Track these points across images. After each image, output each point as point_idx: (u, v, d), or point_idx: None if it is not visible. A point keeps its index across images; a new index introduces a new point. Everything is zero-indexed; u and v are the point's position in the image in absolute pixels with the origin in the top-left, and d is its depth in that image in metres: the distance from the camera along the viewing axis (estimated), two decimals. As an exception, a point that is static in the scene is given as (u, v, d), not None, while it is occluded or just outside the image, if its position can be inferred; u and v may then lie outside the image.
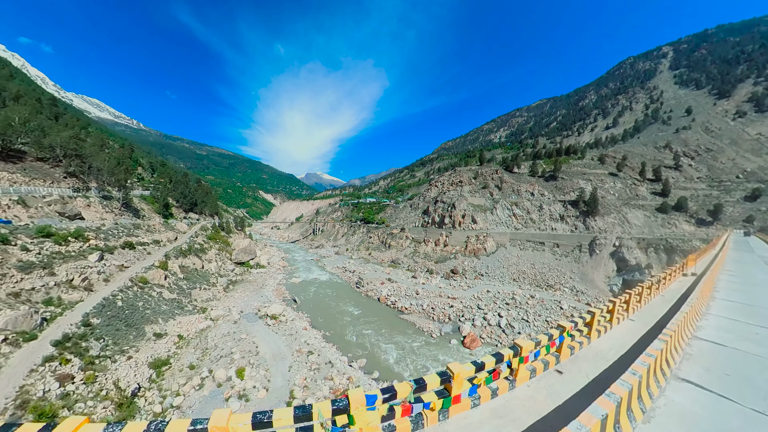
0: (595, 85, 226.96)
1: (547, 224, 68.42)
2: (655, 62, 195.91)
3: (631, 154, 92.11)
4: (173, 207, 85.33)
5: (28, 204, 47.99)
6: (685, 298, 10.57)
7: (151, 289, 41.23)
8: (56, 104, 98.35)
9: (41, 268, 31.02)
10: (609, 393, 3.76)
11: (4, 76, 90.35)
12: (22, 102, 78.34)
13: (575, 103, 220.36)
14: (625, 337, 8.33)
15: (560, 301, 41.93)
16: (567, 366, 6.62)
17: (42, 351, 21.92)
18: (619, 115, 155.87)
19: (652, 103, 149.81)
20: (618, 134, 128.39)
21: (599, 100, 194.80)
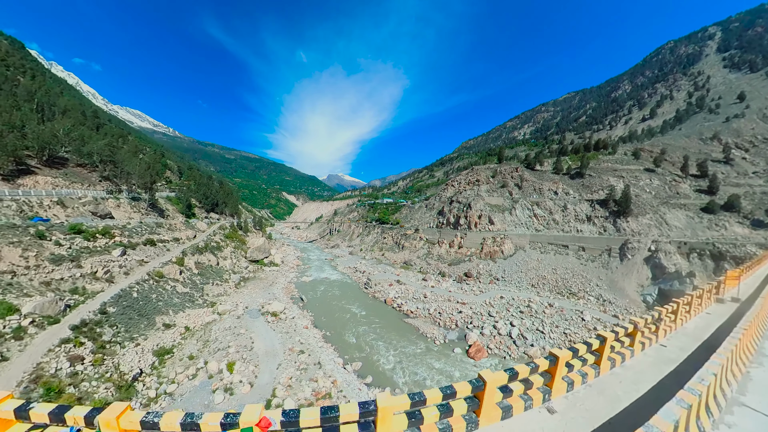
0: (630, 74, 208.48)
1: (572, 225, 62.64)
2: (700, 45, 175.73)
3: (671, 148, 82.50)
4: (196, 207, 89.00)
5: (66, 204, 51.75)
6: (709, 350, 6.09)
7: (166, 282, 43.22)
8: (98, 116, 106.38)
9: (70, 260, 34.20)
10: None
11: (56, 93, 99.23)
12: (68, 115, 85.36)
13: (607, 94, 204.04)
14: None
15: (583, 311, 37.37)
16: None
17: (61, 334, 23.94)
18: (657, 105, 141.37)
19: (697, 91, 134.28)
20: (656, 126, 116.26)
21: (634, 90, 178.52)
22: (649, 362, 7.17)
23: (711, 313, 11.03)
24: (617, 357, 6.28)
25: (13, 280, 27.46)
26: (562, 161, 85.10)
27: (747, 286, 13.34)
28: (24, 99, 76.63)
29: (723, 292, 11.87)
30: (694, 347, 8.28)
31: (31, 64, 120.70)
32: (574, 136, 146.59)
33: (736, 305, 11.05)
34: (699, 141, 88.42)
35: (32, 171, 57.61)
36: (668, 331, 9.24)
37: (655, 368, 6.92)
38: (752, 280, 14.82)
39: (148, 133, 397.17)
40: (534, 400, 5.20)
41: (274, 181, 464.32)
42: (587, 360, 6.12)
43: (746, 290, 12.72)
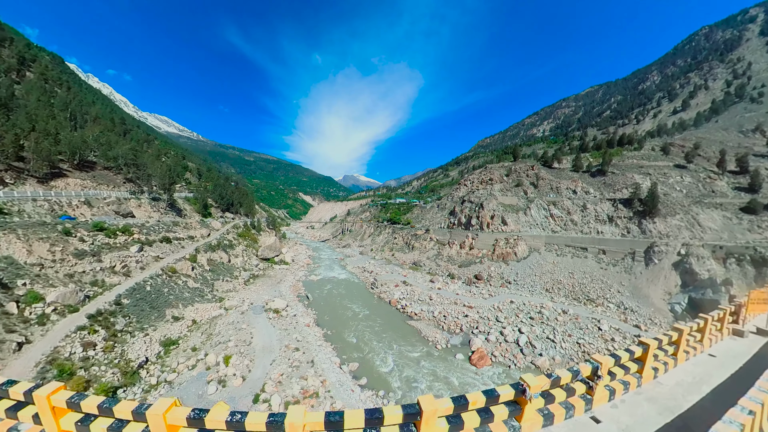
0: (659, 64, 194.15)
1: (592, 226, 58.51)
2: (740, 29, 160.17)
3: (705, 141, 75.46)
4: (212, 207, 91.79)
5: (92, 204, 54.91)
6: None
7: (178, 277, 44.97)
8: (125, 123, 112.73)
9: (92, 255, 36.82)
10: None
11: (89, 102, 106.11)
12: (98, 123, 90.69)
13: (634, 86, 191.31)
14: None
15: (600, 319, 34.25)
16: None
17: (78, 321, 25.99)
18: (690, 96, 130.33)
19: (736, 79, 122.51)
20: (689, 119, 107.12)
21: (664, 80, 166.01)
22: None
23: (716, 356, 9.06)
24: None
25: (41, 272, 29.85)
26: (582, 158, 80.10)
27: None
28: (60, 109, 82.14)
29: (744, 319, 8.93)
30: (749, 356, 7.51)
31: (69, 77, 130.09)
32: (597, 132, 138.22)
33: (765, 341, 8.53)
34: (738, 134, 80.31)
35: (64, 174, 61.33)
36: (714, 340, 8.43)
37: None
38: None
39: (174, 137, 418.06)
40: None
41: (291, 182, 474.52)
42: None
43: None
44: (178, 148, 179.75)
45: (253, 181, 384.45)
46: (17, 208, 38.89)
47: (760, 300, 8.67)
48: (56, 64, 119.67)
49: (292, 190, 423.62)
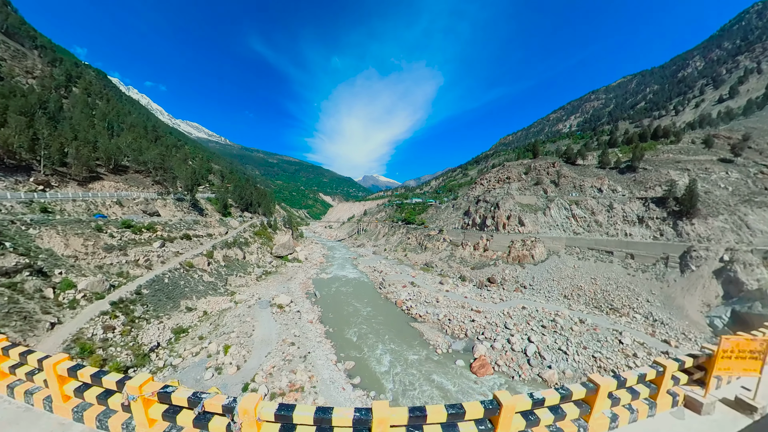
0: (702, 49, 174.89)
1: (619, 228, 53.31)
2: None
3: (757, 132, 66.29)
4: (232, 207, 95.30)
5: (122, 204, 59.05)
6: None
7: (195, 272, 47.50)
8: (156, 130, 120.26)
9: (119, 249, 40.45)
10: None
11: (125, 112, 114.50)
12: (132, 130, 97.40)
13: (672, 74, 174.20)
14: None
15: (622, 331, 30.54)
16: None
17: (102, 307, 28.72)
18: (739, 81, 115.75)
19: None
20: (737, 108, 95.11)
21: (708, 66, 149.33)
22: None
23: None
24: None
25: (74, 263, 33.45)
26: (610, 154, 73.59)
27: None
28: (99, 119, 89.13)
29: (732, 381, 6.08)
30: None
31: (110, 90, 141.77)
32: (629, 125, 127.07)
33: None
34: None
35: (100, 177, 66.37)
36: None
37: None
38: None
39: (204, 142, 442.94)
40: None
41: (312, 182, 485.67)
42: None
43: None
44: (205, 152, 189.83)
45: (276, 182, 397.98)
46: (59, 208, 43.06)
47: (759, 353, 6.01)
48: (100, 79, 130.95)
49: (312, 191, 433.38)
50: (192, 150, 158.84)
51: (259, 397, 3.67)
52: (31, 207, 39.15)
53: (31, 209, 38.54)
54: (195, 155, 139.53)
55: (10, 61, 77.83)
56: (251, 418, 3.43)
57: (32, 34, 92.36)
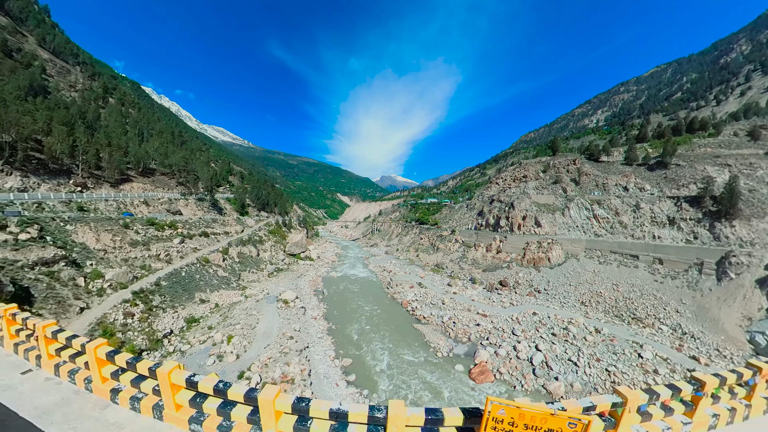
0: (749, 31, 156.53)
1: (646, 230, 48.68)
2: None
3: (818, 122, 57.99)
4: (249, 207, 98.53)
5: (148, 203, 63.12)
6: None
7: (210, 266, 50.09)
8: (182, 135, 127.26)
9: (142, 245, 43.61)
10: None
11: (155, 119, 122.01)
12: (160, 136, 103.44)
13: (713, 61, 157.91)
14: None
15: (643, 344, 27.39)
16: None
17: (124, 296, 31.42)
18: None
19: None
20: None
21: (756, 49, 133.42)
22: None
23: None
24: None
25: (104, 255, 36.82)
26: (638, 149, 67.65)
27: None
28: (131, 126, 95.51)
29: None
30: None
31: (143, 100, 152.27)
32: (663, 118, 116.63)
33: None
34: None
35: (131, 179, 71.06)
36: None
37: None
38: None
39: (228, 145, 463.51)
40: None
41: (331, 183, 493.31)
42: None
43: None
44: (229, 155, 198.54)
45: (296, 183, 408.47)
46: (93, 207, 47.47)
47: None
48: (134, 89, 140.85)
49: (330, 192, 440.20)
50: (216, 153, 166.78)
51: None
52: (70, 206, 43.68)
53: (70, 208, 42.98)
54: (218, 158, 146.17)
55: (56, 77, 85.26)
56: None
57: (75, 52, 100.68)
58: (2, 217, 30.78)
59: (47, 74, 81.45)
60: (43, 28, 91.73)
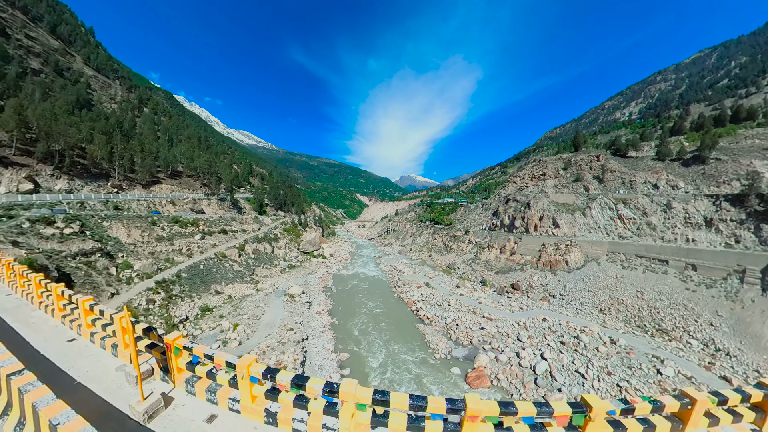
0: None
1: (679, 232, 43.77)
2: None
3: None
4: (267, 206, 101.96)
5: (175, 203, 67.50)
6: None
7: (227, 261, 53.03)
8: (207, 139, 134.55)
9: (167, 240, 47.37)
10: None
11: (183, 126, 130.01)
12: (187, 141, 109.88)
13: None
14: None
15: (664, 359, 24.29)
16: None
17: (148, 284, 34.56)
18: None
19: None
20: None
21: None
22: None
23: None
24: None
25: (134, 249, 40.53)
26: (672, 143, 61.14)
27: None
28: (162, 133, 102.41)
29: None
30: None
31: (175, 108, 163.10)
32: (705, 108, 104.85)
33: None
34: None
35: (160, 181, 76.29)
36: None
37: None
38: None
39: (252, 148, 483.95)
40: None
41: (350, 183, 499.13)
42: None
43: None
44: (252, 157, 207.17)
45: (316, 184, 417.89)
46: (127, 206, 52.45)
47: None
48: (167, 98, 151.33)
49: (350, 192, 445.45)
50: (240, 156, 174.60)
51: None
52: (107, 205, 49.03)
53: (107, 207, 48.21)
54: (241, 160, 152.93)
55: (99, 91, 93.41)
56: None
57: (115, 67, 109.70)
58: (51, 214, 35.23)
59: (91, 89, 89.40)
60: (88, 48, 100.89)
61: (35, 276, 7.24)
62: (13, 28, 76.64)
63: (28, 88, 66.55)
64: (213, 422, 4.28)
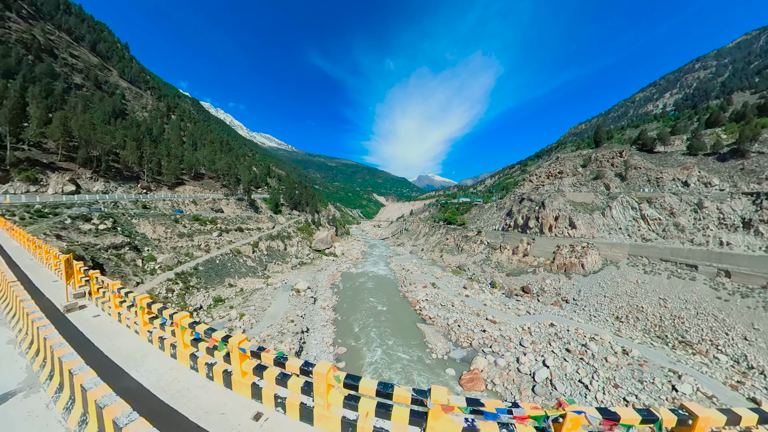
0: None
1: (711, 234, 39.39)
2: None
3: None
4: (282, 206, 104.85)
5: (196, 203, 71.43)
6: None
7: (241, 257, 55.76)
8: (229, 143, 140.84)
9: (187, 236, 50.75)
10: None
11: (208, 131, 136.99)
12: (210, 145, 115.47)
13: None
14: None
15: (683, 374, 21.61)
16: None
17: (169, 276, 37.66)
18: None
19: None
20: None
21: None
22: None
23: None
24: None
25: (158, 244, 44.06)
26: (708, 135, 55.24)
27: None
28: (187, 138, 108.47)
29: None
30: None
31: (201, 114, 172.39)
32: (751, 96, 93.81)
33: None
34: None
35: (184, 182, 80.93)
36: None
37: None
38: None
39: (274, 150, 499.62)
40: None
41: (367, 184, 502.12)
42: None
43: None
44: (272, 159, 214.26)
45: (334, 184, 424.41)
46: (153, 205, 56.82)
47: None
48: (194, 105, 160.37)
49: (367, 192, 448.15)
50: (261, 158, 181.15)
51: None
52: (136, 204, 53.48)
53: (136, 206, 52.53)
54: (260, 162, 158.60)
55: (132, 102, 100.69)
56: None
57: (147, 78, 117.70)
58: (89, 212, 39.48)
59: (125, 99, 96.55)
60: (123, 62, 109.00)
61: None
62: (60, 48, 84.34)
63: (72, 101, 73.02)
64: None
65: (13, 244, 16.11)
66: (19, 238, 16.25)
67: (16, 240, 16.96)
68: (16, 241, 16.87)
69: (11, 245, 16.00)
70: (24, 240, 15.26)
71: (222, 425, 3.95)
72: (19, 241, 16.49)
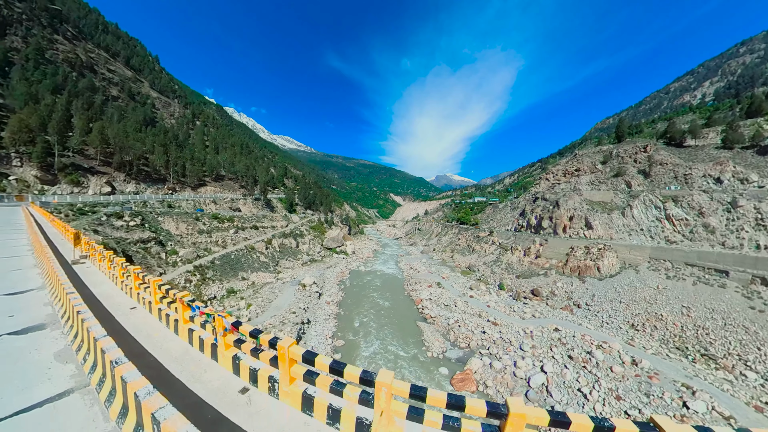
0: None
1: (746, 236, 35.29)
2: None
3: None
4: (297, 205, 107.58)
5: (216, 202, 75.33)
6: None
7: (254, 252, 58.32)
8: (248, 146, 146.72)
9: (206, 233, 54.57)
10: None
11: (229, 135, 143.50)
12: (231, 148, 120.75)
13: None
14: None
15: (697, 391, 19.38)
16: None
17: (188, 268, 40.64)
18: None
19: None
20: None
21: None
22: None
23: None
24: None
25: (180, 239, 47.91)
26: (749, 125, 49.54)
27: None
28: (210, 142, 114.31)
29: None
30: None
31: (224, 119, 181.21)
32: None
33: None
34: None
35: (205, 184, 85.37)
36: None
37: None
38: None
39: (293, 152, 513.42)
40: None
41: (384, 184, 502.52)
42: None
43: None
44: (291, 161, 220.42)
45: (351, 184, 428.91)
46: (177, 204, 60.94)
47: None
48: (218, 111, 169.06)
49: (384, 192, 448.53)
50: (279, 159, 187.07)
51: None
52: (163, 204, 57.64)
53: (163, 205, 56.67)
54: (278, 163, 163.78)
55: (161, 110, 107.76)
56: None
57: (174, 88, 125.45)
58: (121, 211, 43.70)
59: (155, 108, 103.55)
60: (154, 74, 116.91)
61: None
62: (99, 64, 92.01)
63: (109, 112, 79.43)
64: None
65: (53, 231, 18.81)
66: (57, 226, 18.81)
67: (55, 228, 19.62)
68: (54, 228, 19.51)
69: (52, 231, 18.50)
70: (60, 228, 17.65)
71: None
72: (57, 228, 19.05)
